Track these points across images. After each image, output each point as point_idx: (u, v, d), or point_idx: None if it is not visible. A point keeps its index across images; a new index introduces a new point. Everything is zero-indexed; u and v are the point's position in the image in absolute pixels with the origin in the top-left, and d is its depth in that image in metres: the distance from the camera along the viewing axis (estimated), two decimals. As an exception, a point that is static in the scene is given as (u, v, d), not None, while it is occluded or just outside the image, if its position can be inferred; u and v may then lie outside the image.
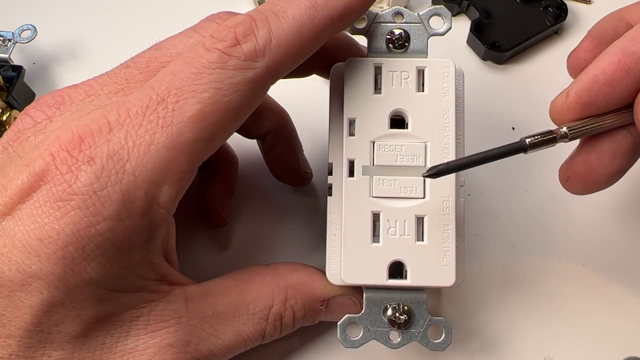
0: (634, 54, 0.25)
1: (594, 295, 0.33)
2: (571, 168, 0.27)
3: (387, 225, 0.27)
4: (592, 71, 0.25)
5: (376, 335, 0.27)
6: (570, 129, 0.26)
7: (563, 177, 0.28)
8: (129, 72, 0.26)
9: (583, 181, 0.27)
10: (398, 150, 0.27)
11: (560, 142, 0.26)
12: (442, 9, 0.28)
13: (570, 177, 0.27)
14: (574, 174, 0.27)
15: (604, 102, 0.25)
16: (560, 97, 0.26)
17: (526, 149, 0.25)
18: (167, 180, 0.23)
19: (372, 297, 0.27)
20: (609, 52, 0.25)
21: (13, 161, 0.24)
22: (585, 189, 0.27)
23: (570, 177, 0.27)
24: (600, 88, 0.25)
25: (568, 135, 0.26)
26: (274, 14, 0.24)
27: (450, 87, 0.27)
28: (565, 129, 0.26)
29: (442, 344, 0.27)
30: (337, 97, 0.28)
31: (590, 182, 0.27)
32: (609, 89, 0.25)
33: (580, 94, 0.25)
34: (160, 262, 0.25)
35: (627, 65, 0.25)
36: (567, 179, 0.28)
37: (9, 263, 0.22)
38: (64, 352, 0.23)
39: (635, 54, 0.25)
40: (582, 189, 0.27)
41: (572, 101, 0.26)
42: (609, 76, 0.25)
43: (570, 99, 0.26)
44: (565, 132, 0.26)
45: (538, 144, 0.25)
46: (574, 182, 0.27)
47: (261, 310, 0.27)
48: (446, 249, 0.26)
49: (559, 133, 0.26)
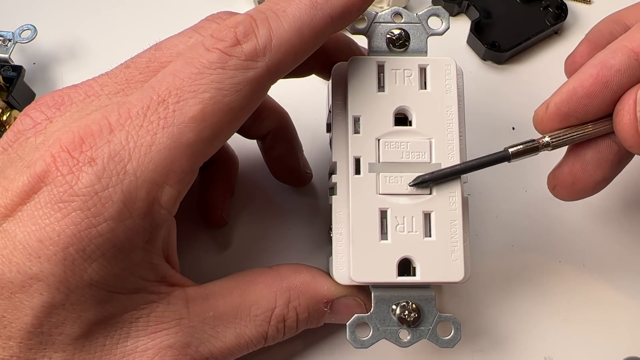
0: (612, 67, 0.25)
1: (594, 295, 0.33)
2: (557, 177, 0.28)
3: (395, 222, 0.27)
4: (571, 83, 0.26)
5: (386, 334, 0.27)
6: (552, 138, 0.26)
7: (550, 185, 0.29)
8: (129, 72, 0.26)
9: (569, 190, 0.28)
10: (404, 147, 0.27)
11: (542, 150, 0.27)
12: (440, 10, 0.28)
13: (556, 185, 0.28)
14: (559, 183, 0.28)
15: (582, 113, 0.26)
16: (541, 108, 0.27)
17: (509, 158, 0.26)
18: (169, 181, 0.23)
19: (380, 296, 0.27)
20: (589, 64, 0.26)
21: (13, 162, 0.24)
22: (571, 197, 0.28)
23: (557, 185, 0.28)
24: (579, 100, 0.26)
25: (550, 144, 0.26)
26: (274, 13, 0.24)
27: (452, 84, 0.27)
28: (547, 139, 0.26)
29: (452, 341, 0.27)
30: (340, 96, 0.28)
31: (576, 191, 0.28)
32: (587, 101, 0.26)
33: (559, 106, 0.26)
34: (161, 263, 0.25)
35: (605, 79, 0.25)
36: (554, 187, 0.28)
37: (9, 264, 0.22)
38: (64, 354, 0.23)
39: (614, 67, 0.25)
40: (569, 196, 0.28)
41: (552, 112, 0.26)
42: (587, 89, 0.26)
43: (550, 110, 0.26)
44: (547, 142, 0.26)
45: (520, 153, 0.26)
46: (560, 190, 0.28)
47: (263, 312, 0.27)
48: (454, 244, 0.26)
49: (541, 142, 0.26)
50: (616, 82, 0.25)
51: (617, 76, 0.25)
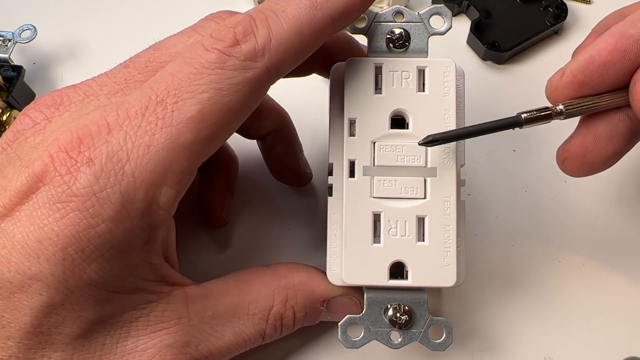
0: (631, 37, 0.25)
1: (594, 295, 0.33)
2: (568, 149, 0.27)
3: (388, 226, 0.27)
4: (589, 51, 0.26)
5: (377, 336, 0.27)
6: (566, 106, 0.26)
7: (560, 158, 0.28)
8: (127, 72, 0.26)
9: (579, 163, 0.27)
10: (399, 151, 0.27)
11: (555, 119, 0.26)
12: (442, 8, 0.28)
13: (567, 158, 0.28)
14: (570, 156, 0.27)
15: (598, 82, 0.26)
16: (556, 76, 0.27)
17: (522, 123, 0.26)
18: (167, 181, 0.23)
19: (372, 298, 0.27)
20: (607, 34, 0.26)
21: (12, 162, 0.24)
22: (581, 171, 0.28)
23: (567, 158, 0.28)
24: (596, 68, 0.25)
25: (564, 112, 0.26)
26: (274, 13, 0.24)
27: (451, 86, 0.27)
28: (561, 107, 0.26)
29: (443, 344, 0.27)
30: (338, 97, 0.28)
31: (587, 164, 0.27)
32: (604, 70, 0.25)
33: (575, 73, 0.26)
34: (160, 263, 0.25)
35: (623, 47, 0.25)
36: (563, 160, 0.28)
37: (8, 265, 0.22)
38: (64, 354, 0.23)
39: (633, 36, 0.25)
40: (578, 170, 0.28)
41: (568, 80, 0.26)
42: (605, 57, 0.25)
43: (566, 77, 0.26)
44: (561, 110, 0.26)
45: (533, 119, 0.26)
46: (570, 163, 0.28)
47: (261, 311, 0.27)
48: (447, 249, 0.26)
49: (555, 110, 0.26)
50: (635, 51, 0.25)
51: (636, 46, 0.25)
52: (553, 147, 0.29)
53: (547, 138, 0.36)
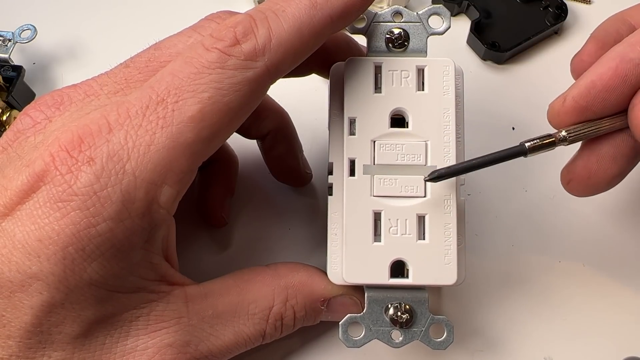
0: (631, 61, 0.25)
1: (594, 295, 0.33)
2: (572, 171, 0.28)
3: (389, 224, 0.27)
4: (589, 77, 0.26)
5: (378, 335, 0.27)
6: (569, 132, 0.26)
7: (564, 180, 0.28)
8: (128, 71, 0.26)
9: (584, 184, 0.27)
10: (399, 149, 0.27)
11: (559, 145, 0.26)
12: (441, 8, 0.28)
13: (571, 180, 0.28)
14: (575, 177, 0.28)
15: (600, 107, 0.26)
16: (558, 102, 0.27)
17: (526, 152, 0.26)
18: (167, 181, 0.23)
19: (373, 297, 0.27)
20: (607, 57, 0.26)
21: (13, 162, 0.24)
22: (586, 192, 0.28)
23: (572, 180, 0.28)
24: (597, 94, 0.25)
25: (567, 139, 0.26)
26: (274, 13, 0.24)
27: (450, 85, 0.27)
28: (564, 133, 0.26)
29: (444, 343, 0.27)
30: (337, 97, 0.28)
31: (591, 185, 0.27)
32: (605, 95, 0.25)
33: (577, 99, 0.26)
34: (160, 263, 0.25)
35: (624, 72, 0.25)
36: (568, 182, 0.28)
37: (9, 264, 0.22)
38: (64, 353, 0.23)
39: (633, 60, 0.25)
40: (583, 191, 0.28)
41: (569, 106, 0.26)
42: (606, 82, 0.25)
43: (568, 103, 0.26)
44: (564, 136, 0.26)
45: (537, 147, 0.26)
46: (575, 185, 0.28)
47: (261, 311, 0.27)
48: (447, 248, 0.26)
49: (558, 137, 0.26)
50: (635, 75, 0.25)
51: (636, 70, 0.25)
52: (553, 147, 0.29)
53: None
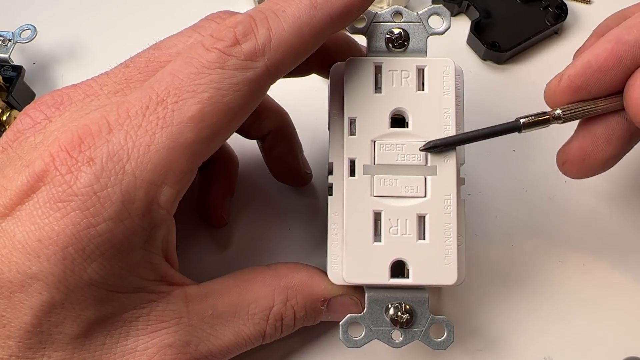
0: (627, 43, 0.25)
1: (594, 295, 0.33)
2: (567, 152, 0.28)
3: (389, 224, 0.27)
4: (586, 57, 0.26)
5: (378, 335, 0.27)
6: (563, 111, 0.26)
7: (560, 161, 0.29)
8: (128, 71, 0.26)
9: (579, 165, 0.28)
10: (399, 149, 0.27)
11: (553, 123, 0.27)
12: (441, 8, 0.28)
13: (566, 161, 0.28)
14: (570, 158, 0.28)
15: (595, 87, 0.26)
16: (554, 81, 0.27)
17: (520, 128, 0.26)
18: (167, 181, 0.23)
19: (374, 297, 0.27)
20: (604, 39, 0.26)
21: (13, 162, 0.24)
22: (581, 173, 0.28)
23: (567, 161, 0.28)
24: (592, 74, 0.26)
25: (561, 117, 0.26)
26: (274, 13, 0.24)
27: (450, 85, 0.27)
28: (559, 111, 0.26)
29: (445, 343, 0.27)
30: (338, 97, 0.28)
31: (586, 167, 0.28)
32: (600, 75, 0.26)
33: (572, 79, 0.26)
34: (160, 263, 0.25)
35: (619, 53, 0.25)
36: (563, 162, 0.28)
37: (8, 264, 0.22)
38: (64, 353, 0.23)
39: (629, 42, 0.25)
40: (577, 172, 0.28)
41: (565, 85, 0.26)
42: (601, 63, 0.26)
43: (563, 82, 0.26)
44: (558, 114, 0.26)
45: (532, 124, 0.26)
46: (569, 166, 0.28)
47: (262, 311, 0.27)
48: (448, 248, 0.26)
49: (553, 115, 0.26)
50: (630, 57, 0.25)
51: (631, 51, 0.25)
52: (553, 147, 0.29)
53: (547, 138, 0.36)
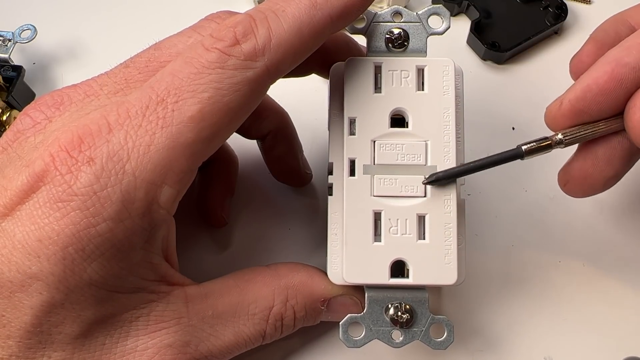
0: (627, 65, 0.25)
1: (594, 295, 0.33)
2: (568, 173, 0.28)
3: (389, 224, 0.27)
4: (585, 80, 0.26)
5: (378, 335, 0.27)
6: (565, 135, 0.26)
7: (562, 182, 0.29)
8: (128, 72, 0.26)
9: (580, 185, 0.28)
10: (399, 149, 0.27)
11: (555, 148, 0.27)
12: (440, 8, 0.28)
13: (568, 181, 0.28)
14: (571, 179, 0.28)
15: (596, 111, 0.26)
16: (555, 105, 0.27)
17: (522, 155, 0.26)
18: (167, 181, 0.23)
19: (374, 297, 0.27)
20: (603, 61, 0.26)
21: (13, 162, 0.24)
22: (583, 193, 0.28)
23: (568, 181, 0.28)
24: (593, 97, 0.26)
25: (563, 141, 0.26)
26: (274, 13, 0.24)
27: (450, 85, 0.27)
28: (560, 136, 0.26)
29: (445, 343, 0.27)
30: (337, 97, 0.28)
31: (587, 187, 0.28)
32: (601, 98, 0.26)
33: (573, 103, 0.26)
34: (160, 263, 0.25)
35: (619, 76, 0.25)
36: (565, 183, 0.28)
37: (8, 264, 0.22)
38: (63, 353, 0.23)
39: (629, 64, 0.25)
40: (579, 192, 0.28)
41: (566, 109, 0.26)
42: (601, 86, 0.26)
43: (564, 107, 0.26)
44: (560, 139, 0.26)
45: (534, 150, 0.26)
46: (571, 186, 0.28)
47: (262, 311, 0.27)
48: (448, 247, 0.26)
49: (554, 140, 0.26)
50: (630, 79, 0.25)
51: (631, 74, 0.25)
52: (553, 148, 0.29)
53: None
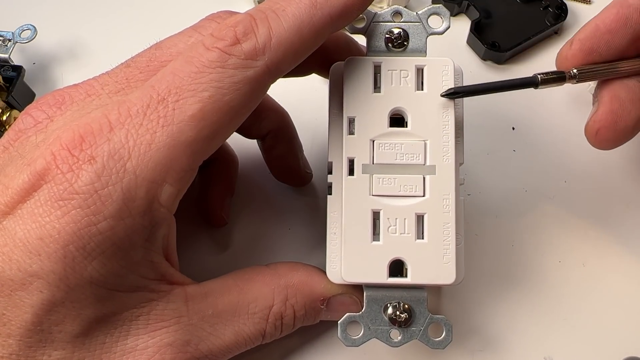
0: (630, 6, 0.27)
1: (594, 295, 0.33)
2: (598, 120, 0.28)
3: (388, 224, 0.27)
4: (594, 21, 0.28)
5: (377, 334, 0.27)
6: (579, 70, 0.28)
7: (591, 131, 0.29)
8: (129, 71, 0.26)
9: (613, 130, 0.28)
10: (398, 149, 0.27)
11: (569, 82, 0.28)
12: (440, 8, 0.28)
13: (599, 128, 0.28)
14: (603, 125, 0.28)
15: (605, 49, 0.28)
16: (566, 46, 0.29)
17: (537, 83, 0.27)
18: (168, 179, 0.23)
19: (372, 296, 0.27)
20: (609, 6, 0.28)
21: (14, 161, 0.24)
22: (614, 139, 0.29)
23: (600, 128, 0.28)
24: (601, 36, 0.28)
25: (577, 76, 0.28)
26: (274, 12, 0.24)
27: (450, 85, 0.27)
28: (575, 71, 0.28)
29: (443, 342, 0.27)
30: (337, 96, 0.28)
31: (619, 131, 0.28)
32: (609, 37, 0.27)
33: (583, 41, 0.28)
34: (161, 262, 0.25)
35: (624, 16, 0.27)
36: (596, 131, 0.29)
37: (9, 262, 0.22)
38: (64, 352, 0.23)
39: (632, 5, 0.27)
40: (611, 139, 0.29)
41: (576, 48, 0.28)
42: (608, 25, 0.27)
43: (574, 46, 0.28)
44: (574, 74, 0.28)
45: (549, 80, 0.28)
46: (603, 132, 0.28)
47: (261, 310, 0.27)
48: (446, 247, 0.26)
49: (569, 73, 0.28)
50: (635, 19, 0.27)
51: (635, 14, 0.27)
52: (553, 148, 0.29)
53: (547, 138, 0.37)
